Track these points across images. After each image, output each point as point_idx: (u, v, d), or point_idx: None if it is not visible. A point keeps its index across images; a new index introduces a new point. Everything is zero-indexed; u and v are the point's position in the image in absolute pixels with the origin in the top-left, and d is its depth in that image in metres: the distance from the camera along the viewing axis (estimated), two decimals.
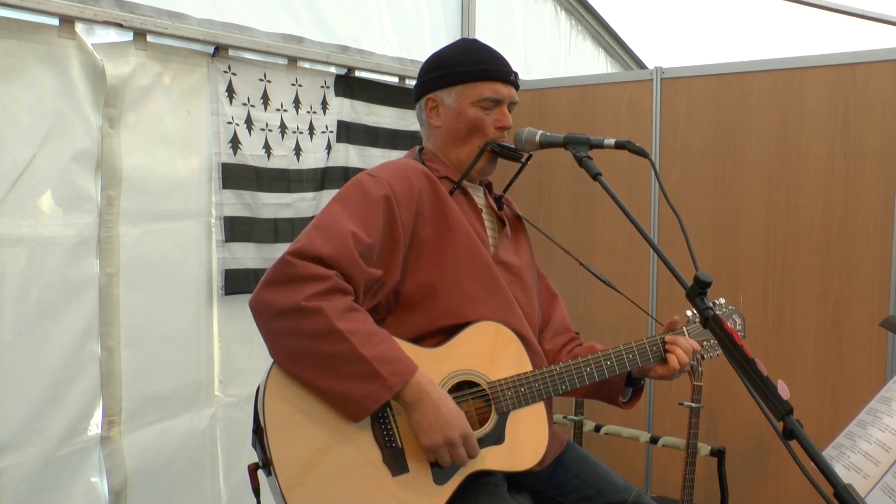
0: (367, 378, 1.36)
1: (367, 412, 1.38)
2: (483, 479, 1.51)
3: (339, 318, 1.36)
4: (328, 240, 1.40)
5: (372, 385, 1.36)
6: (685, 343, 1.63)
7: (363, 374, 1.36)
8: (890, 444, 1.41)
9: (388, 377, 1.37)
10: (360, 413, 1.38)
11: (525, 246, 1.78)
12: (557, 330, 1.80)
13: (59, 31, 1.92)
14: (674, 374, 1.62)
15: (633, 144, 1.47)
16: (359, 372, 1.36)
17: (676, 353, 1.62)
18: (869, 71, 2.54)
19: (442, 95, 1.65)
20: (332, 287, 1.37)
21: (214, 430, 2.38)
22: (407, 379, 1.39)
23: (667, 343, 1.63)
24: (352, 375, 1.36)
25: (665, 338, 1.64)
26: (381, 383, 1.36)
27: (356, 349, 1.35)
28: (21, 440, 1.89)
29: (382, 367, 1.36)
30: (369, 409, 1.38)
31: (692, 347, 1.64)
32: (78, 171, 1.98)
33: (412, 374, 1.40)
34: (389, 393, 1.38)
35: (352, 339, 1.35)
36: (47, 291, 1.93)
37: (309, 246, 1.39)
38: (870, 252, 2.55)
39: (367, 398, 1.37)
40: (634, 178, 2.97)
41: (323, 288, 1.36)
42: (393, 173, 1.55)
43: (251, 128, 2.40)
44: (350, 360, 1.36)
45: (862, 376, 2.57)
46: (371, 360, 1.36)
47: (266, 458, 1.37)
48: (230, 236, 2.36)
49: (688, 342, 1.64)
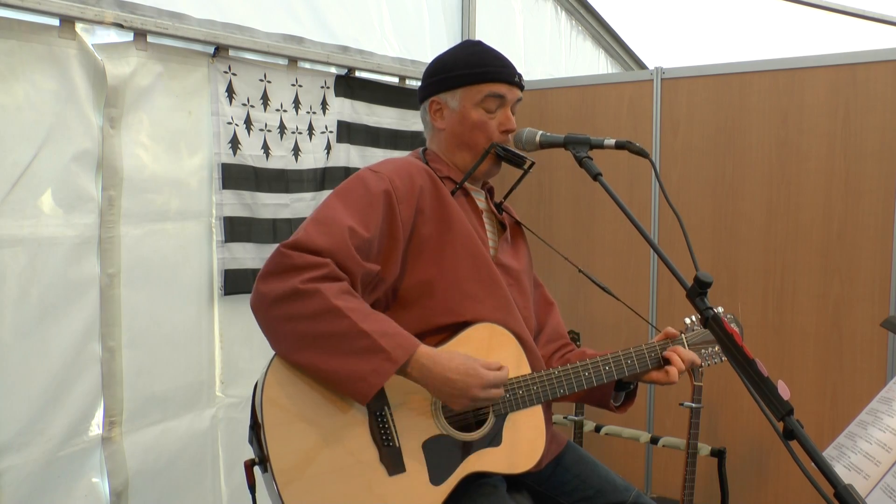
0: (371, 352, 1.34)
1: (374, 389, 1.35)
2: (481, 480, 1.51)
3: (337, 297, 1.35)
4: (325, 233, 1.40)
5: (376, 359, 1.34)
6: (686, 354, 1.64)
7: (366, 348, 1.34)
8: (890, 445, 1.41)
9: (392, 350, 1.35)
10: (367, 391, 1.35)
11: (524, 252, 1.78)
12: (551, 336, 1.80)
13: (60, 31, 1.92)
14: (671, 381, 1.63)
15: (634, 145, 1.47)
16: (361, 347, 1.34)
17: (675, 361, 1.62)
18: (869, 71, 2.54)
19: (446, 98, 1.65)
20: (328, 273, 1.37)
21: (216, 430, 2.38)
22: (410, 352, 1.37)
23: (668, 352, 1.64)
24: (355, 351, 1.34)
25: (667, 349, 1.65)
26: (384, 356, 1.34)
27: (357, 324, 1.34)
28: (22, 441, 1.89)
29: (384, 341, 1.35)
30: (375, 385, 1.35)
31: (691, 359, 1.65)
32: (79, 171, 1.98)
33: (415, 347, 1.38)
34: (394, 366, 1.35)
35: (351, 315, 1.34)
36: (48, 292, 1.93)
37: (305, 238, 1.39)
38: (870, 252, 2.55)
39: (372, 374, 1.34)
40: (635, 179, 2.97)
41: (318, 273, 1.36)
42: (394, 169, 1.54)
43: (250, 128, 2.41)
44: (351, 336, 1.34)
45: (862, 376, 2.57)
46: (372, 334, 1.34)
47: (263, 455, 1.36)
48: (230, 236, 2.36)
49: (688, 354, 1.65)
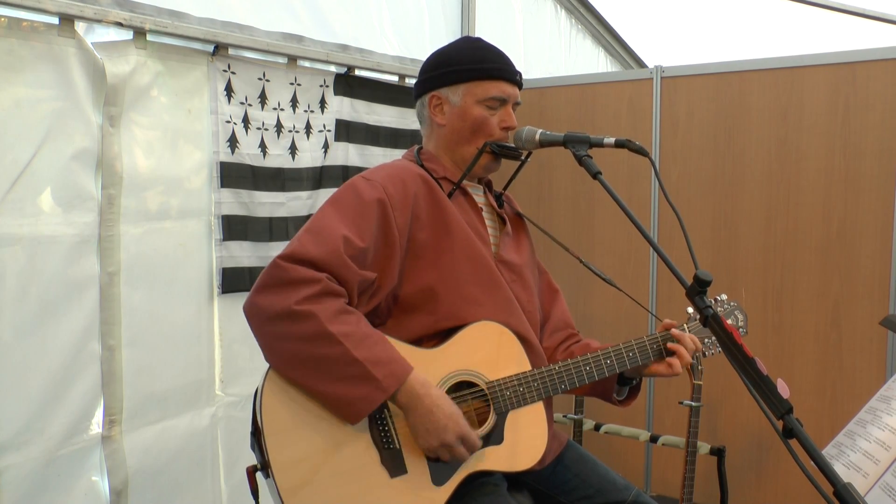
0: (361, 380, 1.36)
1: (362, 415, 1.38)
2: (482, 480, 1.51)
3: (332, 322, 1.35)
4: (319, 243, 1.40)
5: (366, 387, 1.36)
6: (689, 342, 1.63)
7: (357, 376, 1.36)
8: (890, 443, 1.41)
9: (382, 379, 1.36)
10: (355, 416, 1.38)
11: (526, 243, 1.78)
12: (556, 326, 1.80)
13: (59, 29, 1.92)
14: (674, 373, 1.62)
15: (633, 143, 1.47)
16: (352, 374, 1.36)
17: (680, 353, 1.61)
18: (869, 70, 2.54)
19: (447, 93, 1.64)
20: (323, 290, 1.37)
21: (215, 429, 2.38)
22: (401, 381, 1.38)
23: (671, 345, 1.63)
24: (346, 378, 1.36)
25: (672, 333, 1.63)
26: (374, 385, 1.36)
27: (349, 352, 1.35)
28: (22, 440, 1.89)
29: (376, 370, 1.36)
30: (364, 411, 1.38)
31: (695, 347, 1.64)
32: (78, 169, 1.98)
33: (406, 375, 1.39)
34: (384, 395, 1.37)
35: (344, 342, 1.35)
36: (48, 291, 1.93)
37: (300, 249, 1.39)
38: (869, 251, 2.55)
39: (362, 401, 1.36)
40: (634, 177, 2.97)
41: (314, 291, 1.36)
42: (387, 176, 1.54)
43: (248, 126, 2.40)
44: (343, 363, 1.35)
45: (861, 375, 2.57)
46: (364, 363, 1.35)
47: (264, 461, 1.37)
48: (227, 235, 2.36)
49: (692, 341, 1.64)
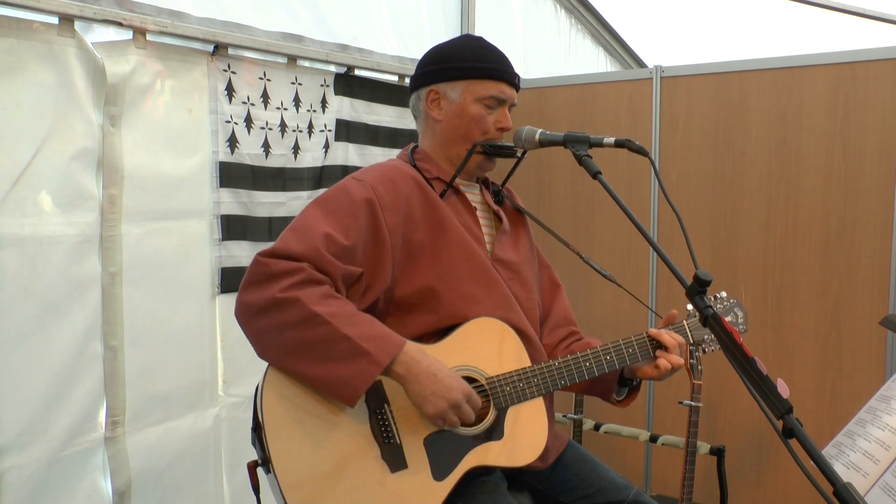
0: (354, 356, 1.34)
1: (359, 392, 1.36)
2: (482, 478, 1.51)
3: (317, 304, 1.35)
4: (301, 239, 1.41)
5: (360, 363, 1.34)
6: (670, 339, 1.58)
7: (349, 353, 1.34)
8: (889, 443, 1.42)
9: (375, 353, 1.35)
10: (352, 395, 1.36)
11: (525, 240, 1.77)
12: (557, 322, 1.79)
13: (59, 29, 1.92)
14: (662, 376, 1.59)
15: (633, 143, 1.47)
16: (344, 352, 1.34)
17: (665, 356, 1.57)
18: (868, 70, 2.54)
19: (445, 88, 1.63)
20: (306, 278, 1.37)
21: (218, 430, 2.38)
22: (395, 353, 1.37)
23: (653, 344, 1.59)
24: (338, 357, 1.34)
25: (649, 332, 1.60)
26: (368, 360, 1.34)
27: (338, 330, 1.34)
28: (24, 440, 1.89)
29: (367, 344, 1.35)
30: (360, 388, 1.35)
31: (677, 342, 1.59)
32: (79, 169, 1.98)
33: (400, 347, 1.38)
34: (378, 368, 1.35)
35: (332, 321, 1.34)
36: (49, 291, 1.93)
37: (281, 246, 1.40)
38: (869, 251, 2.55)
39: (356, 378, 1.34)
40: (634, 177, 2.97)
41: (297, 279, 1.36)
42: (377, 177, 1.54)
43: (251, 126, 2.40)
44: (333, 341, 1.34)
45: (861, 375, 2.57)
46: (354, 339, 1.34)
47: (265, 456, 1.37)
48: (227, 235, 2.36)
49: (673, 339, 1.59)
